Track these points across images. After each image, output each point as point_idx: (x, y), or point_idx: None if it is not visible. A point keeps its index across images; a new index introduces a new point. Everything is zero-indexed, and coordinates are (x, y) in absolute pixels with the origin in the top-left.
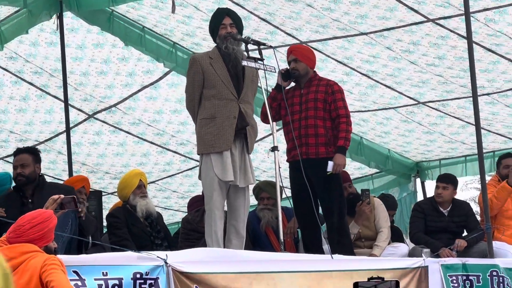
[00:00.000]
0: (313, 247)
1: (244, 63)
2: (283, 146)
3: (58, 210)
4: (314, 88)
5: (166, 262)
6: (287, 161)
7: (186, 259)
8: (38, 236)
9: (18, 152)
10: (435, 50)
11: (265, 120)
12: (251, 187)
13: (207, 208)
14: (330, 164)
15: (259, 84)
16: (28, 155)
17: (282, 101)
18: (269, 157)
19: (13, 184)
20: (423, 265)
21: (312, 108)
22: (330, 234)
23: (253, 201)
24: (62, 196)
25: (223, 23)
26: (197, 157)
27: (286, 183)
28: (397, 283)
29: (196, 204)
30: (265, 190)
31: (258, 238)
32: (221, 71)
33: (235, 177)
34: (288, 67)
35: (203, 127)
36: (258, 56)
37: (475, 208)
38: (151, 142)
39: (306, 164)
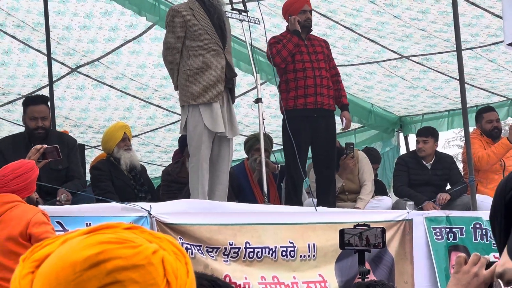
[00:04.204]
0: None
1: (228, 15)
2: (265, 100)
3: (41, 160)
4: (316, 41)
5: (150, 213)
6: (288, 108)
7: (170, 211)
8: (20, 186)
9: (37, 101)
10: (419, 4)
11: (281, 63)
12: (235, 139)
13: (193, 160)
14: (343, 120)
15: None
16: (47, 108)
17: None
18: (253, 109)
19: None
20: (407, 218)
21: (322, 60)
22: (330, 184)
23: (234, 155)
24: (45, 145)
25: None
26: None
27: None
28: (383, 230)
29: (176, 156)
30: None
31: (244, 193)
32: (205, 22)
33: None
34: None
35: (189, 78)
36: (242, 8)
37: (458, 165)
38: (134, 96)
39: (319, 113)
